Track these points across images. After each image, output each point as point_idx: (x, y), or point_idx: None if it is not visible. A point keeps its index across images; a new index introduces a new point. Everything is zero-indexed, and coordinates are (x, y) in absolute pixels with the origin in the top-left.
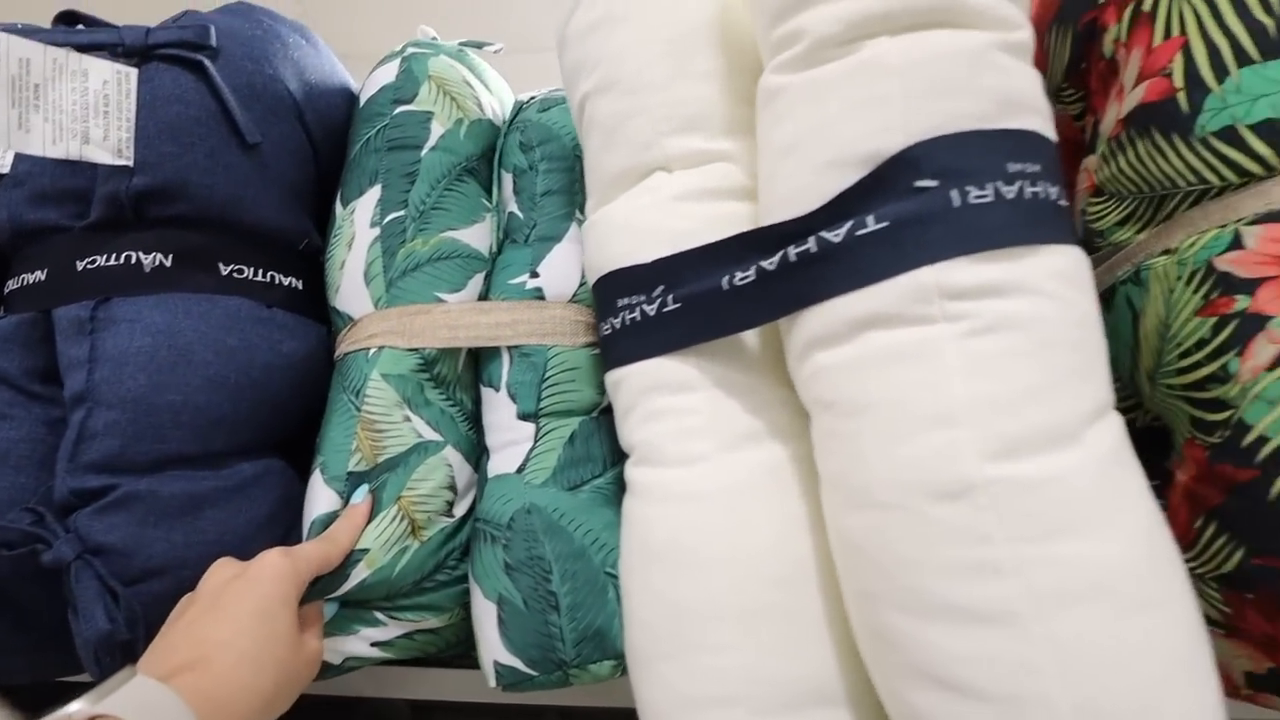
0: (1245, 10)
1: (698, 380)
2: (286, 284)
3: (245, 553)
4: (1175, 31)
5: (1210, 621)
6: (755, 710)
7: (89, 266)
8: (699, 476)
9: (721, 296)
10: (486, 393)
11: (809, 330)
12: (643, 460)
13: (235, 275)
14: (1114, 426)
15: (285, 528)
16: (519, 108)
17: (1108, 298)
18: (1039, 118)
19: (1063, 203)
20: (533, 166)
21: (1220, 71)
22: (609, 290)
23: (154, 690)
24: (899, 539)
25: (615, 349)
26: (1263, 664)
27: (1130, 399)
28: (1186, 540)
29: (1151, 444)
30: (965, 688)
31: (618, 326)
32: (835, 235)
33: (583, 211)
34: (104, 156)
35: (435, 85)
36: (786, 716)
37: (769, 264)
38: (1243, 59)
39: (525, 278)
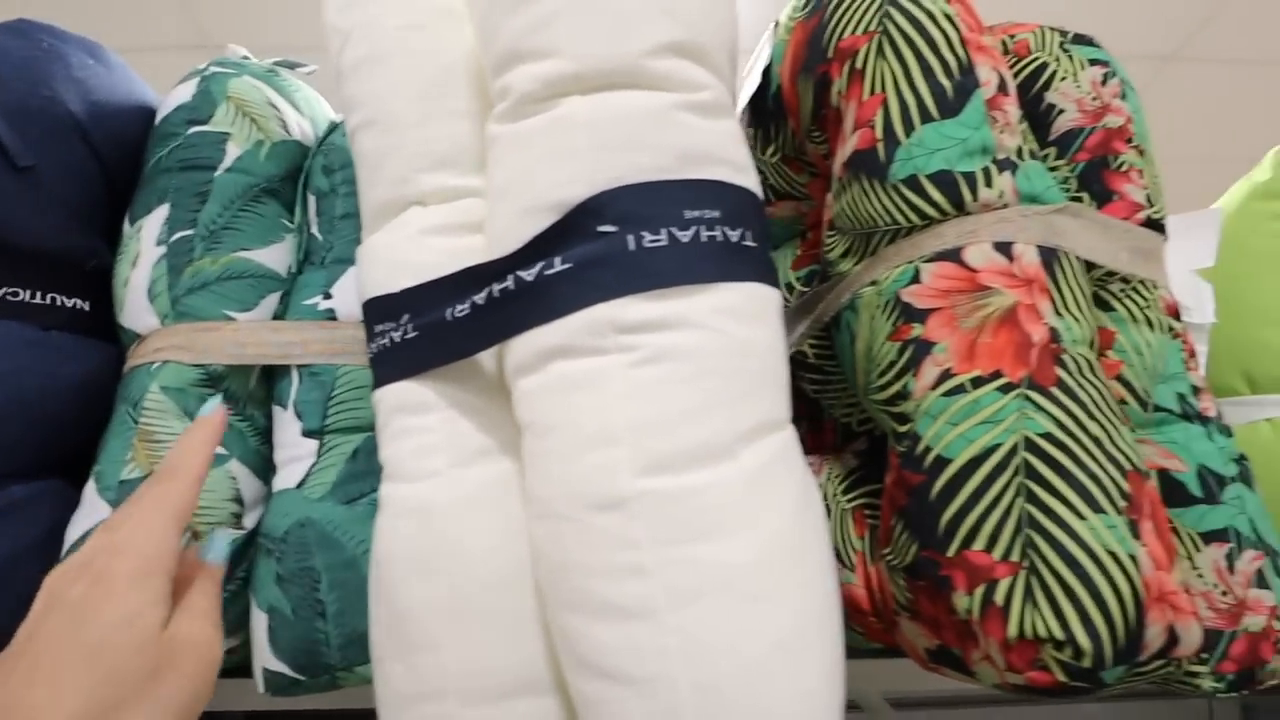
0: (930, 74)
1: (435, 402)
2: (70, 305)
3: (15, 578)
4: (878, 89)
5: (900, 606)
6: (466, 701)
7: None
8: (430, 490)
9: (446, 327)
10: (276, 410)
11: (513, 359)
12: (388, 476)
13: (9, 299)
14: (776, 442)
15: (57, 542)
16: (330, 129)
17: (836, 322)
18: (726, 168)
19: (748, 243)
20: (334, 189)
21: (908, 126)
22: (369, 316)
23: None
24: (569, 546)
25: (375, 371)
26: (933, 641)
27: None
28: (887, 537)
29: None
30: (616, 674)
31: (375, 351)
32: (529, 275)
33: None
34: None
35: (234, 106)
36: (496, 705)
37: (479, 299)
38: (925, 116)
39: (319, 299)
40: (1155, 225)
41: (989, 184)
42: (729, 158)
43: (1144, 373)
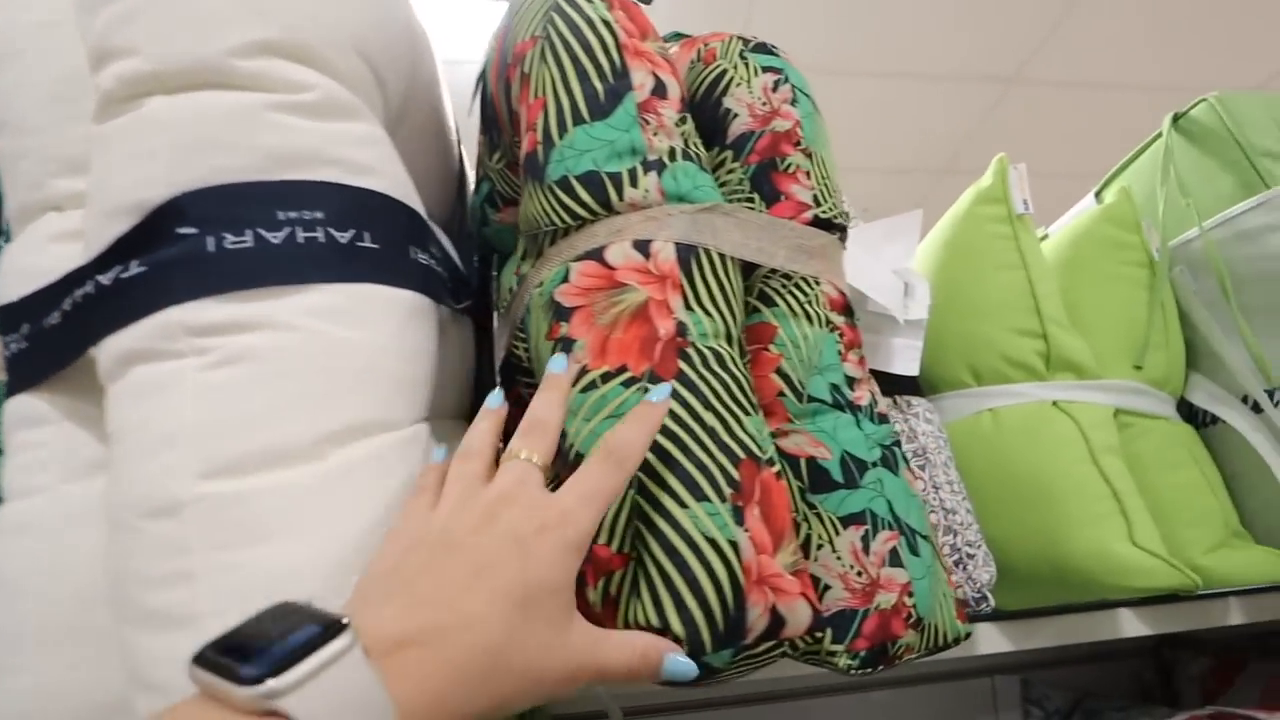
0: (584, 77)
1: (50, 414)
2: None
3: None
4: (540, 92)
5: None
6: (68, 712)
7: None
8: (30, 508)
9: (45, 335)
10: None
11: (101, 367)
12: (4, 494)
13: None
14: (375, 445)
15: None
16: None
17: (524, 325)
18: (336, 169)
19: (365, 244)
20: None
21: (562, 129)
22: (1, 326)
23: (358, 682)
24: (122, 555)
25: (7, 384)
26: None
27: None
28: None
29: None
30: (166, 688)
31: (5, 362)
32: (106, 279)
33: None
34: None
35: None
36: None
37: (66, 305)
38: (578, 119)
39: None
40: (823, 224)
41: (634, 184)
42: (341, 158)
43: (800, 365)
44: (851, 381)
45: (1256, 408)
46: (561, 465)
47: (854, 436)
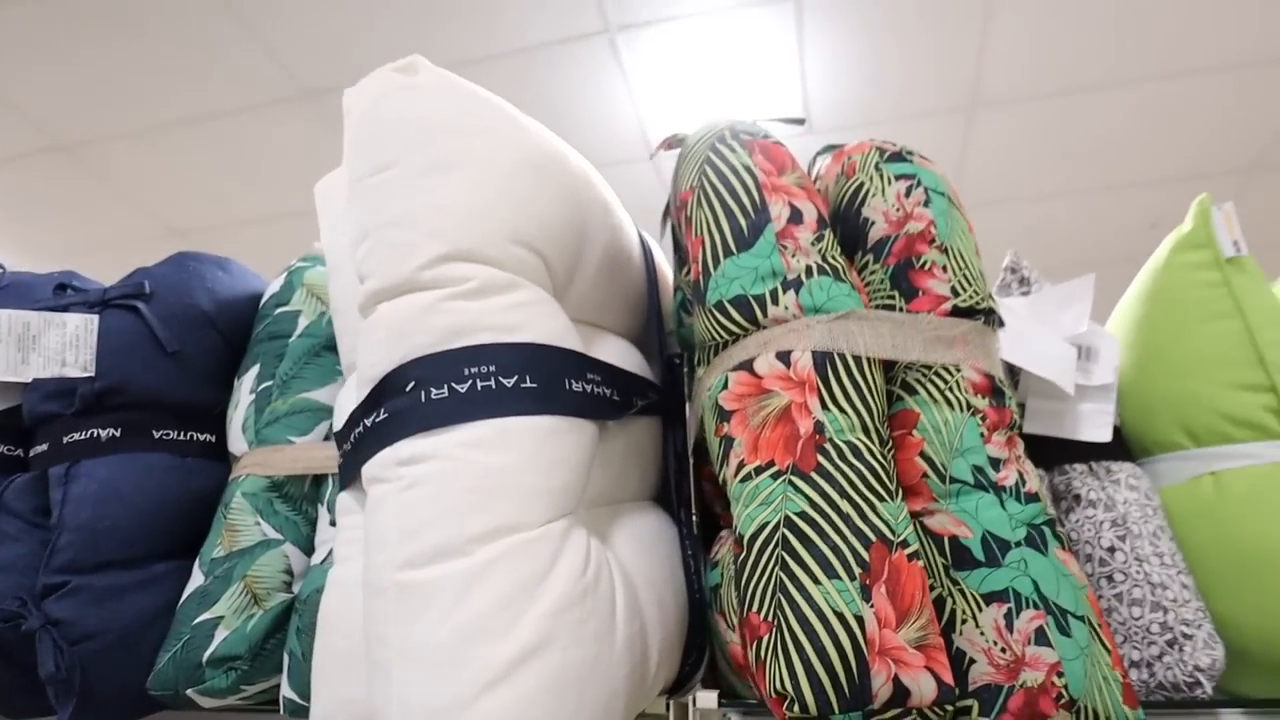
0: (731, 216)
1: (355, 507)
2: (201, 439)
3: (149, 632)
4: (699, 232)
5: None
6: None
7: (70, 440)
8: (345, 571)
9: (349, 456)
10: (319, 507)
11: (365, 477)
12: (333, 560)
13: (165, 438)
14: (515, 541)
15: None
16: None
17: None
18: (490, 333)
19: (526, 384)
20: None
21: (715, 260)
22: (336, 441)
23: None
24: (366, 618)
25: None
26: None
27: None
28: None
29: None
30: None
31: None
32: (369, 421)
33: None
34: (74, 371)
35: (307, 290)
36: None
37: (355, 436)
38: (727, 251)
39: None
40: (963, 313)
41: (775, 302)
42: (494, 324)
43: (942, 448)
44: (996, 463)
45: None
46: (736, 544)
47: (996, 516)
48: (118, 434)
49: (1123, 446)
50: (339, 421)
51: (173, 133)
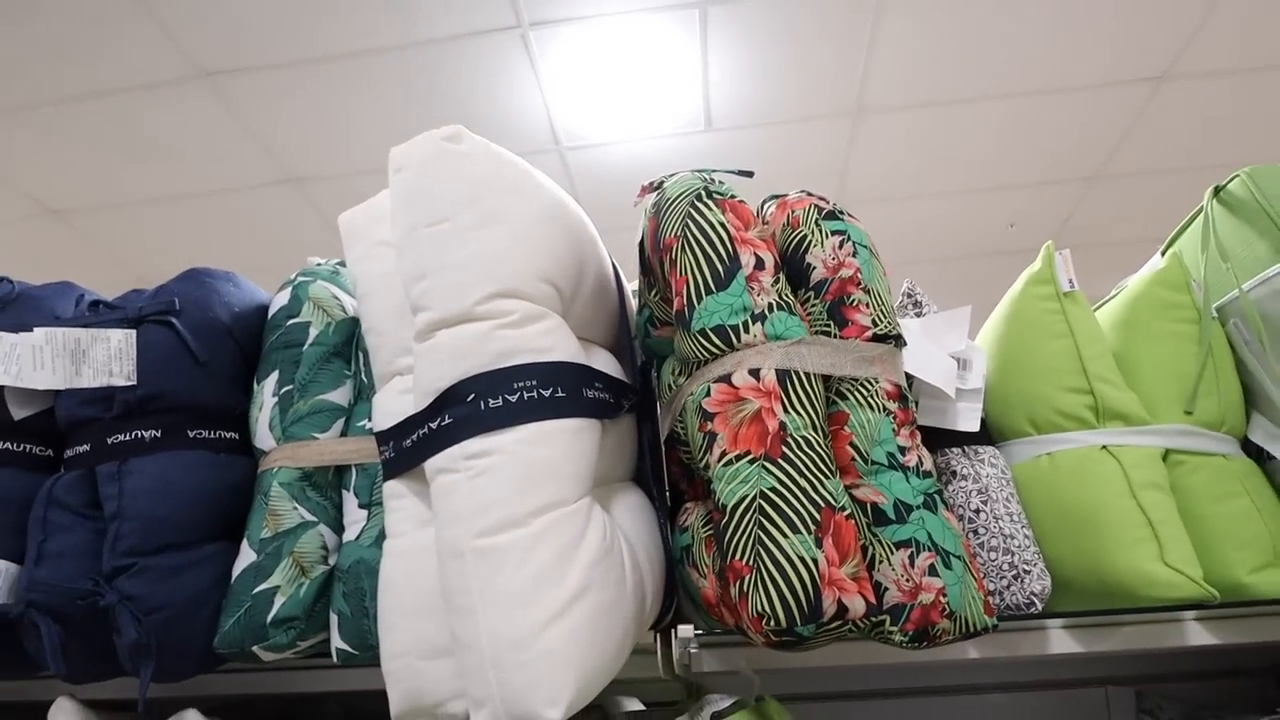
0: (710, 262)
1: (405, 492)
2: (230, 437)
3: (207, 602)
4: (683, 273)
5: (723, 598)
6: (420, 655)
7: (115, 440)
8: (400, 543)
9: (404, 451)
10: (345, 493)
11: (427, 473)
12: (386, 535)
13: (198, 437)
14: (559, 514)
15: (225, 581)
16: None
17: (682, 416)
18: (530, 354)
19: (559, 394)
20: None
21: (699, 297)
22: (378, 441)
23: None
24: (444, 575)
25: (383, 473)
26: (736, 618)
27: None
28: (712, 553)
29: None
30: (460, 642)
31: (381, 461)
32: (434, 424)
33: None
34: (120, 381)
35: (314, 304)
36: (432, 658)
37: (415, 437)
38: (708, 290)
39: (365, 422)
40: (881, 338)
41: (746, 331)
42: (534, 347)
43: (865, 439)
44: (903, 450)
45: None
46: (713, 509)
47: (903, 488)
48: (159, 435)
49: (987, 434)
50: (384, 421)
51: (55, 110)
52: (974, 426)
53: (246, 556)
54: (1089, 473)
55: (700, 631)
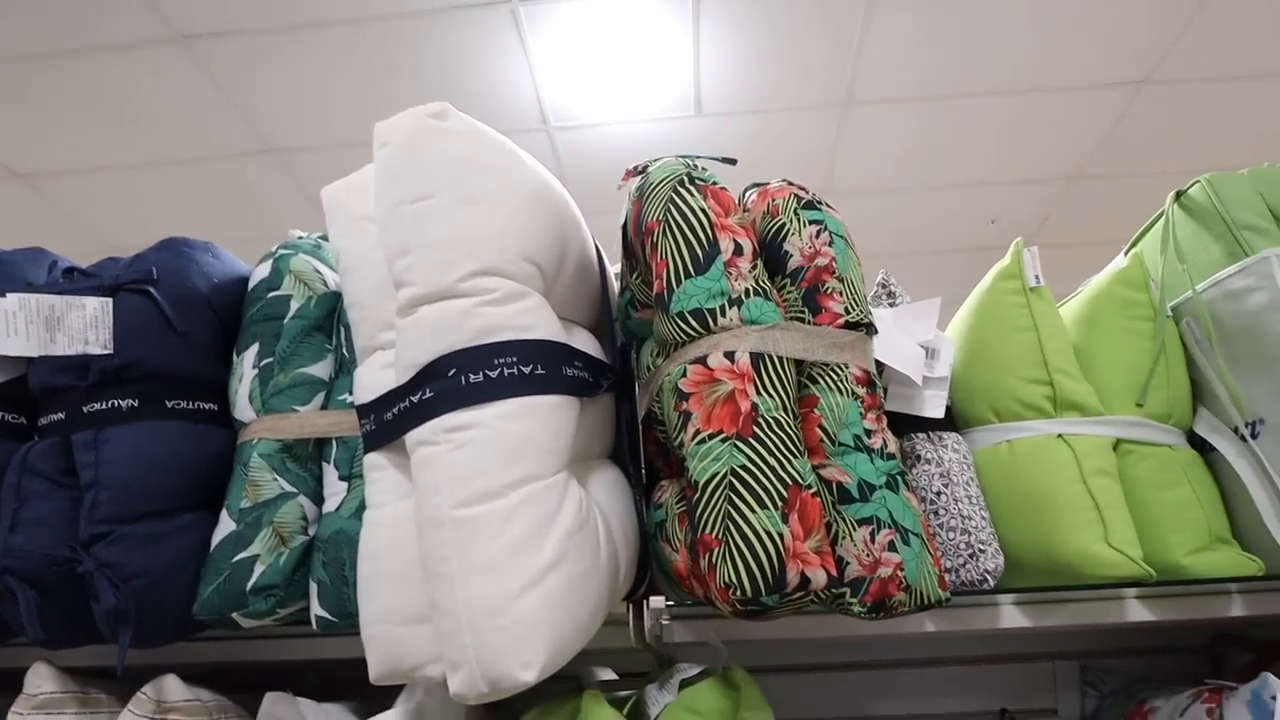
0: (690, 247)
1: (385, 464)
2: (208, 408)
3: (186, 567)
4: (663, 257)
5: (694, 570)
6: (399, 621)
7: (91, 409)
8: (380, 513)
9: (385, 424)
10: (325, 465)
11: (407, 445)
12: (366, 506)
13: (177, 407)
14: (536, 487)
15: (204, 550)
16: None
17: (659, 395)
18: (512, 331)
19: (539, 372)
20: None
21: (678, 280)
22: (359, 414)
23: None
24: (423, 543)
25: (363, 446)
26: (706, 589)
27: None
28: (685, 527)
29: None
30: (438, 608)
31: (362, 434)
32: (415, 398)
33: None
34: (96, 349)
35: (294, 277)
36: (410, 624)
37: (397, 410)
38: (687, 274)
39: (346, 395)
40: (852, 325)
41: (723, 315)
42: (515, 324)
43: (834, 423)
44: (869, 433)
45: (1244, 438)
46: (686, 485)
47: (867, 469)
48: (136, 404)
49: (951, 421)
50: (365, 395)
51: (22, 69)
52: (939, 413)
53: (226, 526)
54: (1045, 459)
55: (671, 604)
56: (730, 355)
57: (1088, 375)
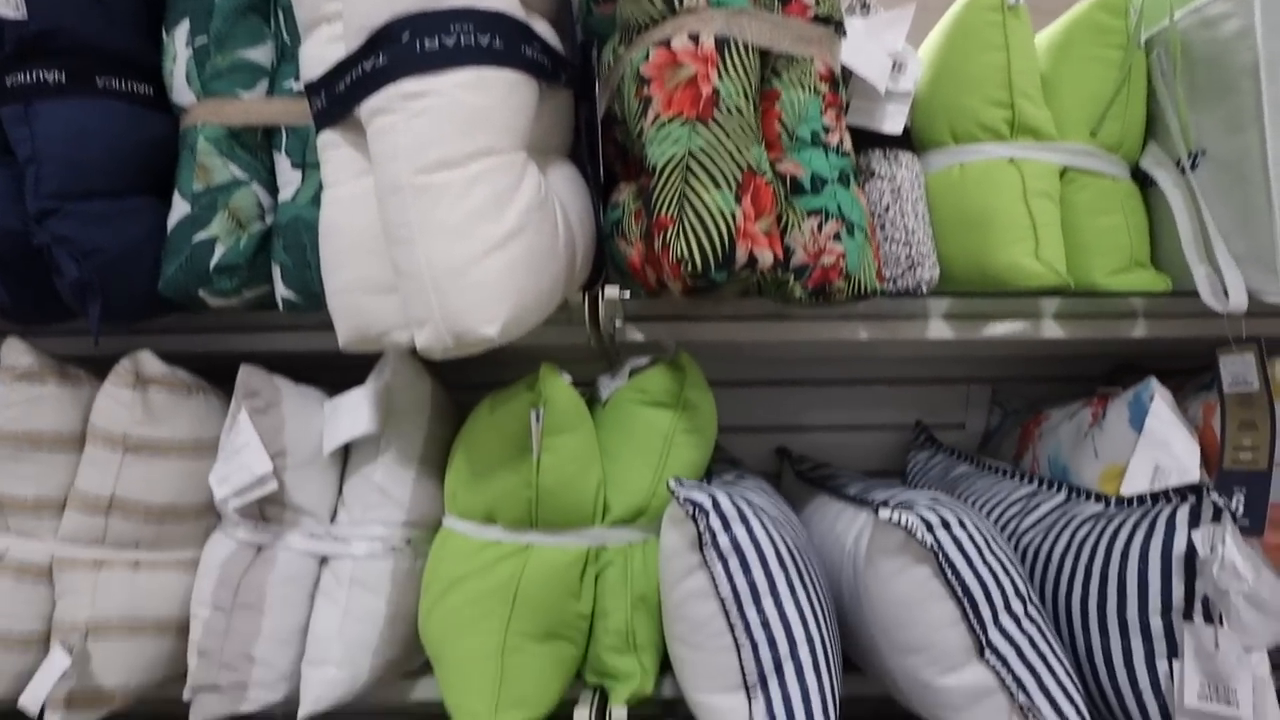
0: None
1: (340, 142)
2: (143, 90)
3: (142, 254)
4: None
5: (648, 258)
6: (364, 291)
7: (15, 82)
8: (339, 192)
9: (336, 98)
10: (276, 154)
11: (362, 117)
12: (323, 184)
13: (107, 86)
14: (493, 161)
15: (160, 234)
16: None
17: (620, 89)
18: None
19: (495, 45)
20: (289, 8)
21: None
22: (307, 94)
23: None
24: (384, 210)
25: (315, 125)
26: (659, 273)
27: None
28: (640, 216)
29: None
30: (400, 268)
31: (313, 114)
32: (366, 66)
33: None
34: (8, 12)
35: None
36: (375, 293)
37: (350, 79)
38: None
39: (292, 83)
40: (820, 20)
41: None
42: None
43: (794, 118)
44: (827, 129)
45: (1184, 169)
46: (640, 171)
47: (821, 164)
48: (63, 79)
49: (909, 141)
50: (314, 70)
51: None
52: (898, 129)
53: (180, 208)
54: (993, 180)
55: (627, 292)
56: (695, 38)
57: (1049, 100)
